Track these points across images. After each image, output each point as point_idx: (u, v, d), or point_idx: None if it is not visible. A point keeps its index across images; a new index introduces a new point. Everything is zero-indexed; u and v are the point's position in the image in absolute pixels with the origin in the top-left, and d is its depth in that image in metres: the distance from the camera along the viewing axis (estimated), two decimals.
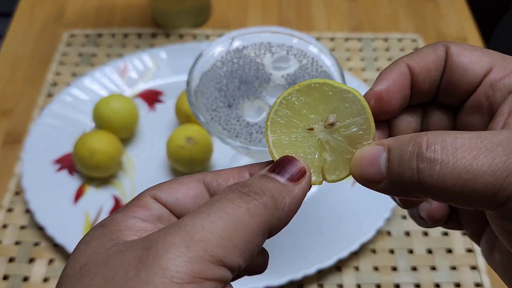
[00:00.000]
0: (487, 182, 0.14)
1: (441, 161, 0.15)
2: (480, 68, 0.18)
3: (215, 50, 0.32)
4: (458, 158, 0.15)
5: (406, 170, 0.15)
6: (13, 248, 0.39)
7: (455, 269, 0.38)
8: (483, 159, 0.14)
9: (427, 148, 0.15)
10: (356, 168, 0.17)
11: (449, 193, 0.15)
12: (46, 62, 0.51)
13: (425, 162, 0.15)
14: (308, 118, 0.17)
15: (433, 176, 0.15)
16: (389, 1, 0.57)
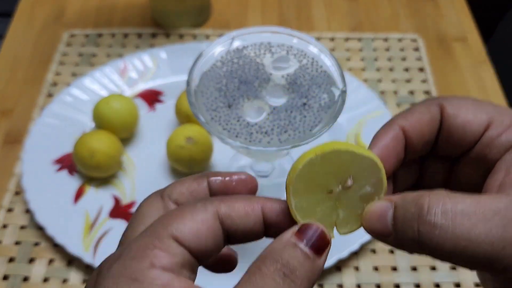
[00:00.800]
0: (484, 250, 0.15)
1: (440, 226, 0.15)
2: (478, 128, 0.18)
3: (215, 50, 0.32)
4: (457, 224, 0.15)
5: (408, 230, 0.16)
6: (13, 248, 0.39)
7: (455, 269, 0.38)
8: (481, 228, 0.15)
9: (428, 211, 0.16)
10: (366, 223, 0.18)
11: (448, 255, 0.15)
12: (46, 62, 0.51)
13: (426, 225, 0.15)
14: (327, 181, 0.18)
15: (433, 239, 0.15)
16: (389, 1, 0.57)
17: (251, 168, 0.41)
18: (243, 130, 0.29)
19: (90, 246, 0.37)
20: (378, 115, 0.44)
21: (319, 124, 0.29)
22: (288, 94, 0.31)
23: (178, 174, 0.42)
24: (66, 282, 0.37)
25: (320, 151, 0.17)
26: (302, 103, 0.30)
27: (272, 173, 0.41)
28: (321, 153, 0.17)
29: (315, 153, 0.17)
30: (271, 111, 0.30)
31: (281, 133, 0.29)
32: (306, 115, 0.30)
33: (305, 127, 0.29)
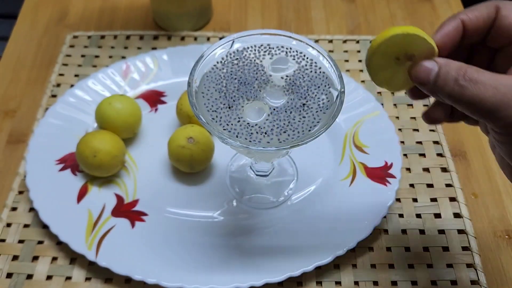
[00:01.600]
0: (490, 103, 0.23)
1: (467, 88, 0.24)
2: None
3: (215, 52, 0.33)
4: (477, 88, 0.24)
5: (446, 85, 0.24)
6: (17, 246, 0.39)
7: (452, 267, 0.38)
8: (491, 91, 0.23)
9: (464, 76, 0.24)
10: (414, 71, 0.26)
11: (465, 104, 0.24)
12: (49, 63, 0.52)
13: (458, 86, 0.24)
14: (398, 51, 0.26)
15: (459, 94, 0.24)
16: (387, 3, 0.57)
17: (251, 167, 0.41)
18: (243, 131, 0.30)
19: (93, 244, 0.38)
20: (375, 116, 0.45)
21: (317, 124, 0.30)
22: (288, 95, 0.31)
23: (179, 173, 0.43)
24: (69, 279, 0.38)
25: (401, 31, 0.25)
26: (301, 104, 0.31)
27: (272, 173, 0.42)
28: (401, 32, 0.25)
29: (396, 32, 0.25)
30: (271, 112, 0.31)
31: (280, 133, 0.30)
32: (305, 115, 0.30)
33: (304, 128, 0.30)
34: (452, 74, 0.24)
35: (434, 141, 0.46)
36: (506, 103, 0.23)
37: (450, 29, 0.26)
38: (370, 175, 0.42)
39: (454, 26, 0.26)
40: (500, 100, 0.23)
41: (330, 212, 0.40)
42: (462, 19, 0.25)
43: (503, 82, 0.23)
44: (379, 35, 0.26)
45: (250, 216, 0.40)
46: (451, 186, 0.43)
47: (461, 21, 0.25)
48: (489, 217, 0.41)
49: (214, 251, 0.38)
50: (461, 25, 0.26)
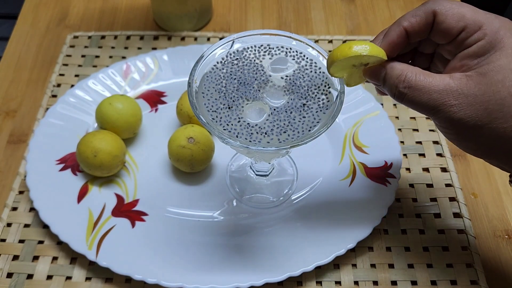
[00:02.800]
0: (426, 106, 0.27)
1: (406, 94, 0.28)
2: (457, 30, 0.27)
3: (215, 52, 0.33)
4: (415, 94, 0.28)
5: (390, 90, 0.29)
6: (17, 246, 0.39)
7: (452, 267, 0.38)
8: (425, 97, 0.27)
9: (403, 83, 0.28)
10: (366, 74, 0.30)
11: (409, 106, 0.28)
12: (50, 63, 0.52)
13: (398, 92, 0.28)
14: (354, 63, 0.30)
15: (401, 99, 0.28)
16: (387, 3, 0.57)
17: (251, 167, 0.41)
18: (243, 131, 0.30)
19: (93, 244, 0.38)
20: (375, 116, 0.45)
21: (317, 124, 0.30)
22: (288, 95, 0.31)
23: (179, 173, 0.43)
24: (69, 279, 0.38)
25: (354, 53, 0.28)
26: (301, 104, 0.31)
27: (272, 172, 0.42)
28: (355, 55, 0.28)
29: (351, 54, 0.28)
30: (272, 112, 0.31)
31: (280, 134, 0.30)
32: (305, 115, 0.30)
33: (304, 128, 0.30)
34: (394, 80, 0.28)
35: (434, 141, 0.46)
36: (439, 107, 0.27)
37: (394, 37, 0.29)
38: (370, 175, 0.42)
39: (397, 33, 0.29)
40: (434, 104, 0.27)
41: (330, 212, 0.40)
42: (405, 26, 0.28)
43: (435, 88, 0.27)
44: (338, 51, 0.28)
45: (250, 216, 0.40)
46: (451, 186, 0.43)
47: (404, 28, 0.28)
48: (489, 217, 0.41)
49: (214, 251, 0.38)
50: (404, 31, 0.28)
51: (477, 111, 0.26)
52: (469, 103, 0.26)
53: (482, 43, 0.27)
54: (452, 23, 0.27)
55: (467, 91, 0.26)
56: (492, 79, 0.26)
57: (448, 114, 0.27)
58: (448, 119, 0.27)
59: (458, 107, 0.26)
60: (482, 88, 0.26)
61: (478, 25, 0.27)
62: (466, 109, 0.26)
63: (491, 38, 0.26)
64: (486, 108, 0.26)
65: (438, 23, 0.28)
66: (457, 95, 0.26)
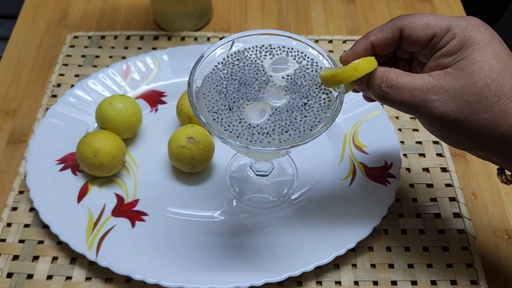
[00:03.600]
0: (409, 104, 0.29)
1: (388, 93, 0.29)
2: (426, 39, 0.29)
3: (215, 52, 0.33)
4: (397, 93, 0.29)
5: (374, 91, 0.30)
6: (17, 246, 0.39)
7: (452, 267, 0.38)
8: (407, 95, 0.28)
9: (385, 83, 0.29)
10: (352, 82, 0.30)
11: (392, 105, 0.29)
12: (50, 63, 0.52)
13: (382, 92, 0.29)
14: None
15: (384, 99, 0.30)
16: (387, 3, 0.57)
17: (251, 167, 0.41)
18: (244, 131, 0.30)
19: (93, 244, 0.38)
20: (375, 116, 0.45)
21: (319, 124, 0.30)
22: (289, 94, 0.31)
23: (179, 173, 0.43)
24: (69, 279, 0.38)
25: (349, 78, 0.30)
26: (303, 103, 0.31)
27: (272, 172, 0.42)
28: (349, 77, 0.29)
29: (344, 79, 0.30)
30: (273, 112, 0.31)
31: (282, 133, 0.30)
32: (307, 115, 0.30)
33: (305, 127, 0.30)
34: (377, 81, 0.29)
35: (433, 141, 0.46)
36: (421, 104, 0.28)
37: (360, 49, 0.31)
38: (370, 175, 0.42)
39: (364, 46, 0.31)
40: (416, 101, 0.28)
41: (330, 212, 0.40)
42: (371, 40, 0.30)
43: (416, 85, 0.28)
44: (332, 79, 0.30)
45: (250, 216, 0.40)
46: (451, 186, 0.43)
47: (370, 42, 0.30)
48: (489, 217, 0.41)
49: (214, 251, 0.38)
50: (370, 45, 0.31)
51: (458, 103, 0.27)
52: (449, 97, 0.27)
53: (454, 42, 0.28)
54: (419, 34, 0.29)
55: (446, 85, 0.27)
56: (468, 72, 0.27)
57: (431, 110, 0.28)
58: (431, 115, 0.28)
59: (439, 102, 0.27)
60: (460, 81, 0.27)
61: (445, 28, 0.29)
62: (447, 103, 0.27)
63: (461, 36, 0.28)
64: (466, 100, 0.27)
65: (407, 36, 0.30)
66: (437, 90, 0.28)
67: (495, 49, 0.28)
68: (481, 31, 0.28)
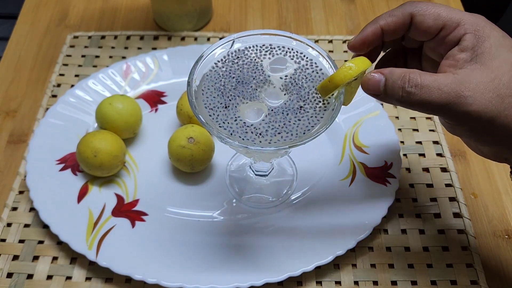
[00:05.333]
0: (437, 103, 0.26)
1: (414, 93, 0.27)
2: (436, 29, 0.29)
3: (215, 52, 0.33)
4: (423, 92, 0.27)
5: (395, 94, 0.28)
6: (17, 246, 0.39)
7: (452, 267, 0.38)
8: (436, 93, 0.26)
9: (408, 83, 0.27)
10: (364, 86, 0.29)
11: (416, 107, 0.27)
12: (50, 63, 0.52)
13: (406, 93, 0.27)
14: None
15: (409, 100, 0.27)
16: (387, 3, 0.57)
17: (250, 167, 0.41)
18: (238, 129, 0.30)
19: (94, 244, 0.38)
20: (375, 116, 0.45)
21: (312, 128, 0.30)
22: (286, 95, 0.31)
23: (179, 173, 0.43)
24: (69, 279, 0.38)
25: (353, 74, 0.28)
26: (299, 106, 0.31)
27: (271, 172, 0.42)
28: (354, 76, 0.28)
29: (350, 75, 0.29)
30: (269, 113, 0.31)
31: (274, 135, 0.30)
32: (301, 118, 0.30)
33: (298, 131, 0.30)
34: (398, 83, 0.27)
35: (433, 141, 0.46)
36: (452, 101, 0.26)
37: (369, 33, 0.30)
38: (370, 175, 0.42)
39: (373, 30, 0.30)
40: (446, 99, 0.26)
41: (330, 212, 0.40)
42: (381, 24, 0.30)
43: (444, 82, 0.26)
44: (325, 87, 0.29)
45: (249, 216, 0.40)
46: (451, 186, 0.43)
47: (380, 27, 0.30)
48: (489, 217, 0.41)
49: (214, 251, 0.38)
50: (379, 29, 0.30)
51: (490, 99, 0.26)
52: (481, 92, 0.26)
53: (468, 36, 0.27)
54: (430, 22, 0.29)
55: (476, 80, 0.26)
56: (493, 66, 0.26)
57: (464, 107, 0.26)
58: (462, 113, 0.26)
59: (472, 98, 0.26)
60: (489, 76, 0.26)
61: (455, 22, 0.28)
62: (480, 98, 0.26)
63: (473, 31, 0.27)
64: (498, 95, 0.26)
65: (417, 23, 0.29)
66: (468, 85, 0.26)
67: (510, 44, 0.27)
68: (492, 27, 0.28)
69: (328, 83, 0.29)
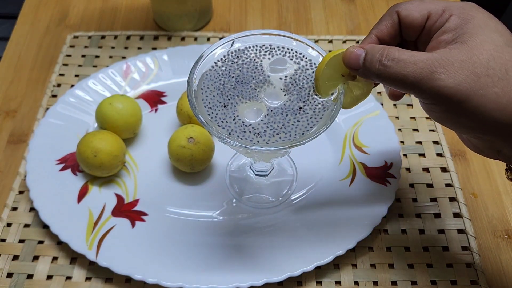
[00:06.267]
0: (412, 77, 0.26)
1: (390, 66, 0.27)
2: (422, 20, 0.29)
3: (215, 52, 0.33)
4: (399, 66, 0.27)
5: (372, 67, 0.28)
6: (17, 246, 0.39)
7: (452, 267, 0.38)
8: (411, 67, 0.26)
9: (386, 57, 0.27)
10: (345, 59, 0.29)
11: (391, 81, 0.27)
12: (50, 63, 0.52)
13: (382, 65, 0.27)
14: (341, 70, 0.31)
15: (385, 73, 0.27)
16: (387, 3, 0.57)
17: (250, 167, 0.41)
18: (237, 129, 0.30)
19: (94, 244, 0.38)
20: (375, 116, 0.45)
21: (310, 129, 0.30)
22: (286, 95, 0.31)
23: (179, 173, 0.43)
24: (69, 279, 0.38)
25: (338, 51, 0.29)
26: (298, 107, 0.31)
27: (271, 172, 0.42)
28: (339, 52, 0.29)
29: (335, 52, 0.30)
30: (268, 113, 0.31)
31: (273, 135, 0.30)
32: (300, 119, 0.30)
33: (297, 132, 0.30)
34: (376, 56, 0.28)
35: (434, 141, 0.46)
36: (426, 77, 0.26)
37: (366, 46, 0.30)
38: (370, 175, 0.42)
39: (369, 42, 0.30)
40: (419, 74, 0.26)
41: (330, 212, 0.40)
42: (374, 34, 0.30)
43: (420, 58, 0.26)
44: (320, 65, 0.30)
45: (249, 216, 0.40)
46: (451, 186, 0.43)
47: (374, 36, 0.30)
48: (489, 217, 0.41)
49: (214, 251, 0.38)
50: (375, 39, 0.30)
51: (465, 76, 0.25)
52: (456, 70, 0.25)
53: (452, 18, 0.28)
54: (415, 14, 0.29)
55: (452, 58, 0.26)
56: (472, 45, 0.26)
57: (437, 83, 0.26)
58: (436, 90, 0.26)
59: (445, 75, 0.25)
60: (466, 54, 0.26)
61: (440, 9, 0.28)
62: (454, 76, 0.25)
63: (458, 14, 0.28)
64: (474, 72, 0.25)
65: (403, 18, 0.30)
66: (443, 63, 0.26)
67: (496, 26, 0.27)
68: (479, 10, 0.28)
69: (319, 64, 0.30)
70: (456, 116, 0.27)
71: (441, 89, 0.26)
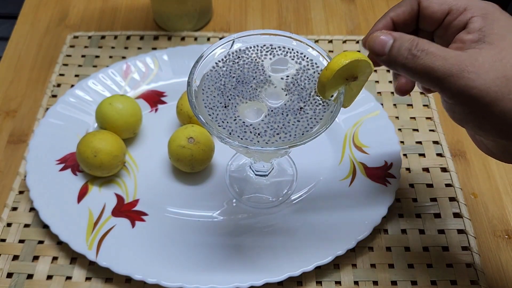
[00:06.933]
0: (439, 72, 0.25)
1: (419, 57, 0.26)
2: (442, 14, 0.29)
3: (215, 52, 0.33)
4: (428, 58, 0.26)
5: (400, 55, 0.27)
6: (17, 246, 0.39)
7: (452, 267, 0.38)
8: (440, 61, 0.25)
9: (416, 47, 0.26)
10: (370, 43, 0.28)
11: (417, 73, 0.26)
12: (50, 63, 0.52)
13: (411, 55, 0.26)
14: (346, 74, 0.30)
15: (412, 63, 0.26)
16: (387, 3, 0.57)
17: (250, 167, 0.41)
18: (237, 129, 0.30)
19: (94, 244, 0.38)
20: (375, 116, 0.45)
21: (311, 130, 0.30)
22: (287, 95, 0.31)
23: (179, 173, 0.43)
24: (69, 279, 0.38)
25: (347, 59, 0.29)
26: (299, 107, 0.31)
27: (271, 172, 0.42)
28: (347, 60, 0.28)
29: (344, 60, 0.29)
30: (268, 113, 0.31)
31: (273, 135, 0.30)
32: (300, 120, 0.30)
33: (297, 132, 0.30)
34: (406, 45, 0.27)
35: (434, 141, 0.46)
36: (455, 74, 0.25)
37: (380, 27, 0.30)
38: (370, 175, 0.42)
39: (384, 24, 0.30)
40: (449, 70, 0.25)
41: (330, 212, 0.40)
42: (391, 16, 0.30)
43: (451, 54, 0.26)
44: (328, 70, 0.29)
45: (249, 216, 0.40)
46: (451, 186, 0.43)
47: (390, 19, 0.30)
48: (489, 217, 0.41)
49: (214, 251, 0.38)
50: (390, 22, 0.30)
51: (495, 79, 0.24)
52: (486, 70, 0.25)
53: (475, 19, 0.27)
54: (435, 7, 0.29)
55: (482, 58, 0.25)
56: (501, 46, 0.25)
57: (465, 82, 0.25)
58: (463, 89, 0.25)
59: (475, 75, 0.25)
60: (496, 55, 0.25)
61: (462, 7, 0.28)
62: (484, 76, 0.24)
63: (480, 14, 0.27)
64: (505, 76, 0.24)
65: (423, 9, 0.29)
66: (473, 61, 0.25)
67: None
68: (502, 12, 0.27)
69: (325, 71, 0.29)
70: (480, 118, 0.26)
71: (469, 89, 0.25)
